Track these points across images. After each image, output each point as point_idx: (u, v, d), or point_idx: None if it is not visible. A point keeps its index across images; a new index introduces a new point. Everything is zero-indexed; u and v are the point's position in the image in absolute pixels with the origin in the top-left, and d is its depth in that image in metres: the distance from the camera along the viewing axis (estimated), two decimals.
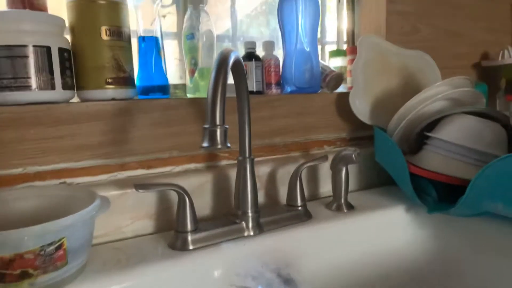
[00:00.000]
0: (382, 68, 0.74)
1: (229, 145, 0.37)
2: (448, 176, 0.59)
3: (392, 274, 0.60)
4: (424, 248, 0.62)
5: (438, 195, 0.63)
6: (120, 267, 0.45)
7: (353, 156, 0.59)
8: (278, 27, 0.72)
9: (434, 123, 0.65)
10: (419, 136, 0.67)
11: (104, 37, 0.52)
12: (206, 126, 0.36)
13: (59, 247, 0.37)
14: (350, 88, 0.80)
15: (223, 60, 0.39)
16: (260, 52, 0.73)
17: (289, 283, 0.46)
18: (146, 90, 0.60)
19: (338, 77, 0.76)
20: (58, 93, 0.50)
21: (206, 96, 0.62)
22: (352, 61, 0.78)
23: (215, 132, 0.36)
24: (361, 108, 0.71)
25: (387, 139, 0.64)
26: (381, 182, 0.75)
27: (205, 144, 0.37)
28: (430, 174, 0.60)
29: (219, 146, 0.36)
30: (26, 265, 0.36)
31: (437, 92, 0.65)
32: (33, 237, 0.35)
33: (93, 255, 0.46)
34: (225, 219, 0.55)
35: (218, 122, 0.36)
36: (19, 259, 0.35)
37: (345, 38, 0.91)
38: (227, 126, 0.37)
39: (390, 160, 0.66)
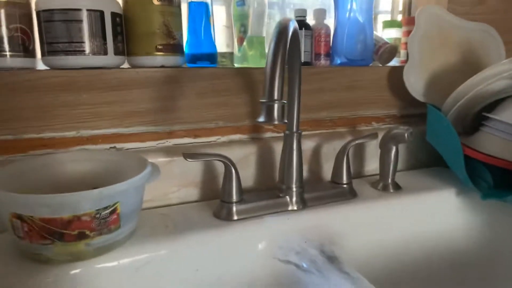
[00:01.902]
0: (441, 42, 0.69)
1: (286, 120, 0.36)
2: (506, 161, 0.55)
3: (437, 259, 0.58)
4: (474, 235, 0.60)
5: (494, 181, 0.59)
6: (168, 233, 0.46)
7: (405, 135, 0.56)
8: None
9: (494, 103, 0.61)
10: (477, 117, 0.63)
11: (156, 2, 0.51)
12: (264, 100, 0.35)
13: (113, 211, 0.39)
14: (404, 62, 0.75)
15: (283, 30, 0.37)
16: (310, 20, 0.70)
17: (332, 260, 0.45)
18: (195, 58, 0.59)
19: (392, 50, 0.72)
20: (110, 59, 0.51)
21: (254, 66, 0.61)
22: (407, 33, 0.74)
23: (272, 107, 0.35)
24: (415, 84, 0.67)
25: (441, 118, 0.61)
26: (430, 163, 0.72)
27: (261, 119, 0.36)
28: (487, 158, 0.57)
29: (276, 122, 0.35)
30: (83, 226, 0.37)
31: (502, 70, 0.60)
32: (90, 200, 0.37)
33: (142, 219, 0.48)
34: (270, 192, 0.55)
35: (276, 97, 0.35)
36: (77, 220, 0.36)
37: (400, 8, 0.85)
38: (285, 101, 0.36)
39: (443, 140, 0.62)
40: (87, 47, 0.48)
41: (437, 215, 0.60)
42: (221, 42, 0.66)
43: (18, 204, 0.36)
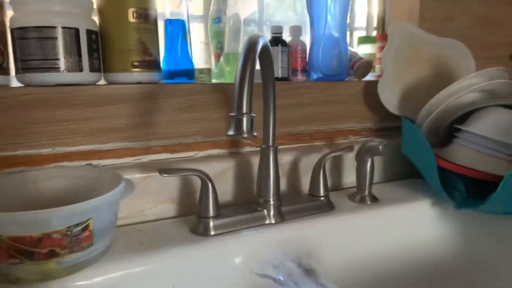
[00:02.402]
0: (413, 56, 0.71)
1: (255, 133, 0.37)
2: (479, 172, 0.57)
3: (415, 269, 0.59)
4: (449, 244, 0.61)
5: (466, 190, 0.61)
6: (143, 249, 0.46)
7: (380, 147, 0.57)
8: (305, 11, 0.70)
9: (465, 115, 0.63)
10: (450, 128, 0.65)
11: (131, 19, 0.52)
12: (233, 114, 0.36)
13: (85, 228, 0.38)
14: (379, 76, 0.77)
15: (251, 47, 0.38)
16: (286, 37, 0.71)
17: (309, 273, 0.45)
18: (172, 74, 0.60)
19: (367, 65, 0.74)
20: (86, 75, 0.51)
21: (231, 82, 0.61)
22: (381, 48, 0.76)
23: (241, 120, 0.35)
24: (390, 98, 0.69)
25: (415, 130, 0.62)
26: (406, 175, 0.73)
27: (231, 132, 0.36)
28: (460, 168, 0.58)
29: (245, 135, 0.36)
30: (53, 244, 0.36)
31: (471, 83, 0.62)
32: (61, 217, 0.36)
33: (117, 236, 0.47)
34: (247, 206, 0.55)
35: (245, 110, 0.36)
36: (47, 238, 0.36)
37: (375, 24, 0.87)
38: (254, 115, 0.36)
39: (417, 152, 0.64)
40: (62, 64, 0.49)
41: (413, 225, 0.61)
42: (199, 59, 0.67)
43: None
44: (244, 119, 0.35)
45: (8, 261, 0.36)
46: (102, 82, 0.55)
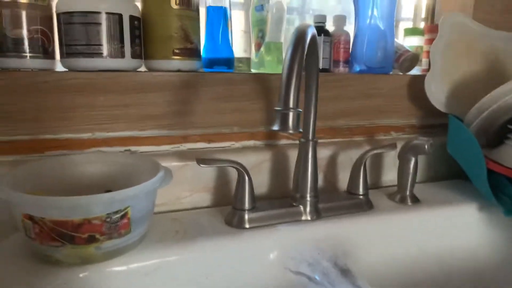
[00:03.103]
0: (465, 51, 0.67)
1: (301, 130, 0.35)
2: None
3: (455, 276, 0.56)
4: (495, 252, 0.57)
5: None
6: (178, 239, 0.46)
7: (426, 146, 0.54)
8: (350, 0, 0.67)
9: None
10: (501, 129, 0.61)
11: (174, 5, 0.51)
12: (279, 108, 0.34)
13: (124, 216, 0.38)
14: (425, 70, 0.73)
15: (301, 37, 0.36)
16: (330, 26, 0.69)
17: (345, 273, 0.44)
18: (211, 63, 0.59)
19: (413, 58, 0.70)
20: (127, 62, 0.51)
21: (271, 72, 0.60)
22: (430, 41, 0.72)
23: (287, 115, 0.34)
24: (437, 94, 0.65)
25: (463, 129, 0.59)
26: (450, 176, 0.70)
27: (275, 127, 0.35)
28: (511, 171, 0.54)
29: (291, 131, 0.34)
30: (93, 230, 0.37)
31: None
32: (101, 204, 0.36)
33: (153, 224, 0.47)
34: (283, 201, 0.53)
35: (291, 105, 0.34)
36: (87, 224, 0.36)
37: (423, 15, 0.83)
38: (300, 110, 0.35)
39: (464, 152, 0.60)
40: (105, 49, 0.49)
41: (456, 230, 0.58)
42: (239, 47, 0.66)
43: (30, 205, 0.36)
44: (291, 115, 0.34)
45: (50, 243, 0.37)
46: (142, 69, 0.55)
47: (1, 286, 0.36)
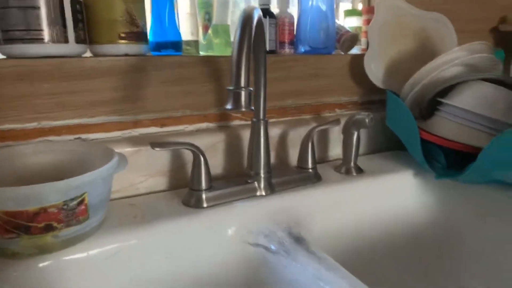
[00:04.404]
0: (399, 30, 0.72)
1: (252, 107, 0.37)
2: (459, 143, 0.59)
3: (397, 236, 0.62)
4: (430, 212, 0.64)
5: (447, 162, 0.63)
6: (137, 223, 0.46)
7: (366, 120, 0.59)
8: None
9: (448, 89, 0.65)
10: (432, 102, 0.67)
11: None
12: (231, 88, 0.36)
13: (81, 202, 0.38)
14: (365, 50, 0.78)
15: (247, 19, 0.37)
16: (274, 9, 0.70)
17: (299, 241, 0.47)
18: (159, 46, 0.58)
19: (353, 38, 0.75)
20: (71, 47, 0.49)
21: (219, 54, 0.61)
22: (367, 21, 0.76)
23: (239, 94, 0.36)
24: (375, 71, 0.70)
25: (399, 103, 0.64)
26: (390, 147, 0.76)
27: (229, 106, 0.36)
28: (441, 140, 0.61)
29: (244, 109, 0.36)
30: (50, 218, 0.36)
31: (454, 58, 0.64)
32: (57, 192, 0.36)
33: (110, 210, 0.48)
34: (238, 179, 0.56)
35: (243, 84, 0.36)
36: (43, 212, 0.36)
37: None
38: (251, 89, 0.37)
39: (401, 125, 0.66)
40: (46, 35, 0.47)
41: (396, 195, 0.63)
42: (185, 30, 0.66)
43: None
44: (243, 93, 0.36)
45: (4, 236, 0.36)
46: (88, 54, 0.53)
47: None
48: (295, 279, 0.43)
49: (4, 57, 0.48)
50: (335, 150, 0.70)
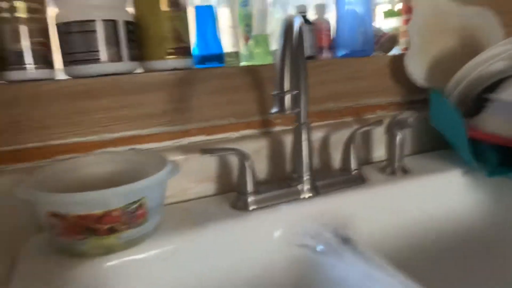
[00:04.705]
0: (439, 28, 0.71)
1: (298, 109, 0.39)
2: (509, 139, 0.57)
3: (446, 238, 0.61)
4: (481, 212, 0.62)
5: (498, 159, 0.61)
6: (190, 225, 0.49)
7: (409, 120, 0.59)
8: None
9: (495, 84, 0.63)
10: (479, 98, 0.65)
11: (165, 8, 0.54)
12: (275, 92, 0.38)
13: (140, 206, 0.42)
14: (405, 49, 0.77)
15: (289, 27, 0.39)
16: (310, 15, 0.72)
17: (346, 241, 0.48)
18: (203, 59, 0.62)
19: (392, 39, 0.74)
20: (125, 65, 0.54)
21: (260, 63, 0.63)
22: (407, 21, 0.76)
23: (283, 98, 0.38)
24: (417, 71, 0.69)
25: (444, 101, 0.63)
26: (435, 147, 0.74)
27: (274, 110, 0.38)
28: (490, 137, 0.59)
29: (287, 112, 0.38)
30: (113, 221, 0.40)
31: (499, 52, 0.62)
32: (119, 196, 0.40)
33: (165, 214, 0.51)
34: (282, 182, 0.57)
35: (286, 88, 0.38)
36: (108, 215, 0.40)
37: None
38: (295, 91, 0.39)
39: (446, 123, 0.64)
40: (102, 55, 0.52)
41: (444, 195, 0.62)
42: (227, 42, 0.69)
43: (54, 203, 0.39)
44: (286, 97, 0.38)
45: (75, 237, 0.40)
46: (140, 70, 0.58)
47: (35, 280, 0.40)
48: (343, 279, 0.44)
49: (68, 77, 0.53)
50: (379, 152, 0.70)
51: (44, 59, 0.52)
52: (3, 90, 0.49)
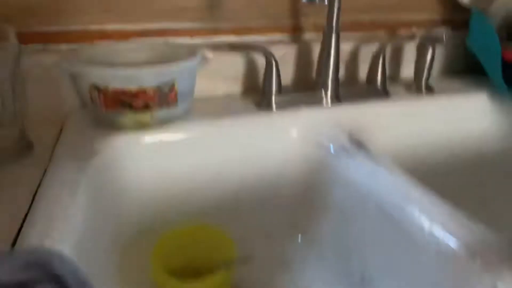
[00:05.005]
0: None
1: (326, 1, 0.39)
2: None
3: (464, 158, 0.62)
4: (503, 138, 0.62)
5: None
6: (216, 116, 0.53)
7: (443, 36, 0.57)
8: None
9: None
10: None
11: None
12: None
13: (171, 88, 0.45)
14: None
15: None
16: None
17: (360, 145, 0.50)
18: None
19: None
20: None
21: None
22: None
23: None
24: None
25: (485, 23, 0.61)
26: (467, 70, 0.72)
27: None
28: None
29: (318, 1, 0.38)
30: (147, 98, 0.44)
31: None
32: (153, 75, 0.43)
33: (194, 106, 0.54)
34: (307, 87, 0.59)
35: None
36: (143, 93, 0.43)
37: None
38: None
39: (483, 45, 0.63)
40: None
41: (466, 116, 0.63)
42: None
43: (96, 76, 0.43)
44: None
45: (113, 110, 0.44)
46: None
47: (81, 143, 0.45)
48: (351, 176, 0.47)
49: None
50: (408, 70, 0.69)
51: None
52: None
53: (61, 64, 0.44)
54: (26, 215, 0.33)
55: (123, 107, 0.44)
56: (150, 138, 0.47)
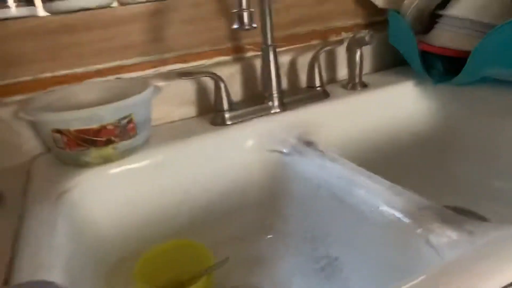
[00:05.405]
0: None
1: (255, 25, 0.45)
2: (454, 50, 0.64)
3: (400, 140, 0.70)
4: (429, 117, 0.71)
5: (444, 69, 0.69)
6: (176, 139, 0.57)
7: (366, 38, 0.65)
8: None
9: (447, 1, 0.68)
10: (433, 16, 0.71)
11: None
12: (235, 10, 0.44)
13: (130, 121, 0.49)
14: None
15: None
16: None
17: (309, 144, 0.56)
18: None
19: None
20: None
21: None
22: None
23: (242, 14, 0.44)
24: None
25: (399, 19, 0.69)
26: (394, 64, 0.81)
27: (235, 26, 0.44)
28: (437, 49, 0.66)
29: (247, 27, 0.44)
30: (109, 133, 0.47)
31: None
32: (112, 111, 0.47)
33: (153, 133, 0.58)
34: (255, 100, 0.65)
35: (244, 6, 0.43)
36: (104, 129, 0.47)
37: None
38: (252, 10, 0.44)
39: (402, 40, 0.71)
40: None
41: (398, 104, 0.71)
42: None
43: (57, 121, 0.46)
44: (245, 14, 0.43)
45: (77, 149, 0.47)
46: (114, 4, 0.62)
47: (50, 184, 0.47)
48: (305, 172, 0.53)
49: (48, 14, 0.57)
50: (342, 72, 0.77)
51: None
52: None
53: (19, 115, 0.47)
54: (11, 259, 0.35)
55: (87, 145, 0.47)
56: (115, 169, 0.51)
